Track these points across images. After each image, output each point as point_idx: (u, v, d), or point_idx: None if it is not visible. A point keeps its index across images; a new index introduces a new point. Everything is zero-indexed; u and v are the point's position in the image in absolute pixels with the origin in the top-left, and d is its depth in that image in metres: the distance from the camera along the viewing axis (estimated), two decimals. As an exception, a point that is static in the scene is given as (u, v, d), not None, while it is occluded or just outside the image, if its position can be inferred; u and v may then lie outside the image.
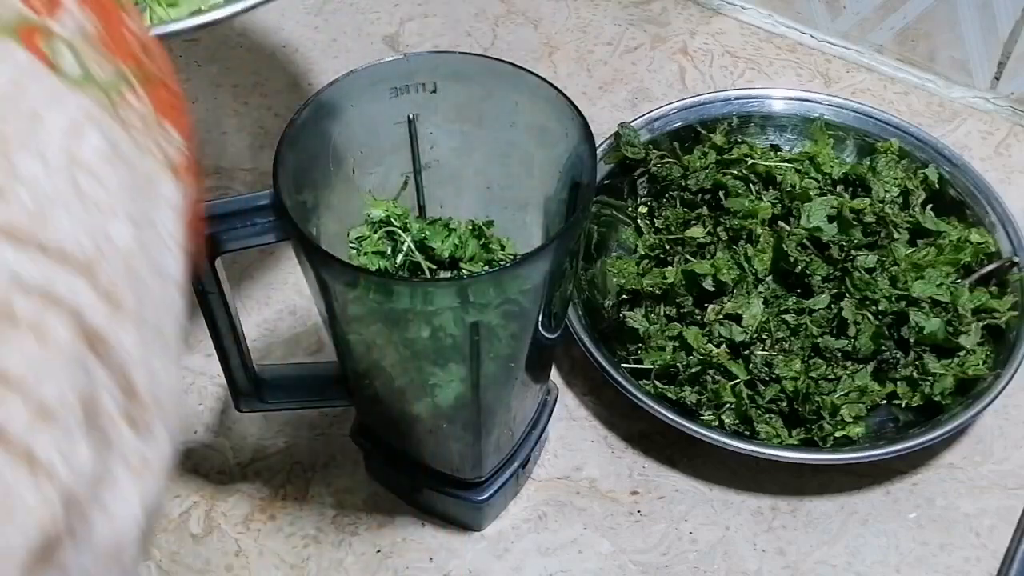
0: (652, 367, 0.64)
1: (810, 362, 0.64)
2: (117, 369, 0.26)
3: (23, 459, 0.23)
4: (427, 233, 0.55)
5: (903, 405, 0.64)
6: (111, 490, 0.26)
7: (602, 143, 0.73)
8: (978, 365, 0.63)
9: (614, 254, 0.71)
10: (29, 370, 0.24)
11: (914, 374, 0.64)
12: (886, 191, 0.71)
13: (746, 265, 0.67)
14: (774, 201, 0.70)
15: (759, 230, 0.68)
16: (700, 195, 0.71)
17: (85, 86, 0.29)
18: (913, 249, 0.69)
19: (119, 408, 0.26)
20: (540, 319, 0.50)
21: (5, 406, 0.23)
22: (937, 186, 0.72)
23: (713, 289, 0.66)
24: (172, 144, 0.32)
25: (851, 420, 0.62)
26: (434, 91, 0.53)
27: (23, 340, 0.24)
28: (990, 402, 0.62)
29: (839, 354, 0.64)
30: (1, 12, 0.28)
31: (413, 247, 0.55)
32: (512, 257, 0.57)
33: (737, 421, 0.62)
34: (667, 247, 0.69)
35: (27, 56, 0.28)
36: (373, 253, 0.54)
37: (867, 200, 0.70)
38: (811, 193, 0.69)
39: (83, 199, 0.27)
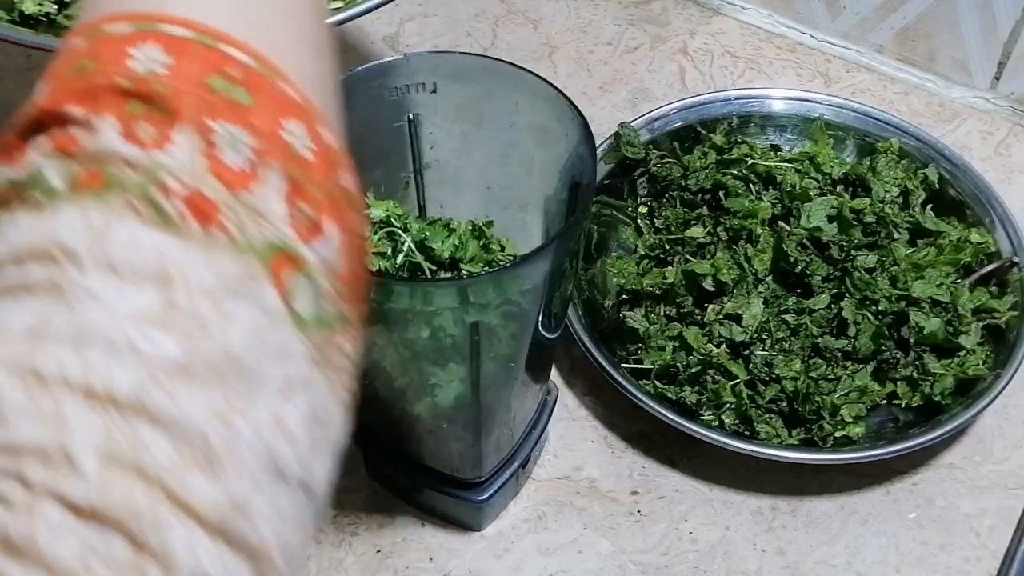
0: (652, 367, 0.64)
1: (810, 362, 0.64)
2: None
3: None
4: (427, 233, 0.55)
5: (903, 405, 0.64)
6: None
7: (602, 143, 0.73)
8: (978, 365, 0.63)
9: (614, 254, 0.71)
10: None
11: (914, 374, 0.64)
12: (886, 191, 0.71)
13: (746, 265, 0.67)
14: (774, 201, 0.70)
15: (759, 230, 0.68)
16: (700, 195, 0.71)
17: (309, 331, 0.27)
18: (913, 249, 0.69)
19: None
20: (540, 319, 0.50)
21: None
22: (937, 186, 0.72)
23: (713, 289, 0.66)
24: (354, 370, 0.30)
25: (851, 420, 0.62)
26: (434, 91, 0.53)
27: None
28: (990, 402, 0.62)
29: (839, 354, 0.64)
30: (265, 231, 0.26)
31: (413, 247, 0.55)
32: (512, 257, 0.57)
33: (737, 421, 0.62)
34: (667, 247, 0.69)
35: (274, 296, 0.26)
36: (373, 254, 0.54)
37: (867, 200, 0.70)
38: (811, 193, 0.69)
39: (275, 475, 0.26)
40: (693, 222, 0.70)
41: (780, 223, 0.69)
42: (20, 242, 0.25)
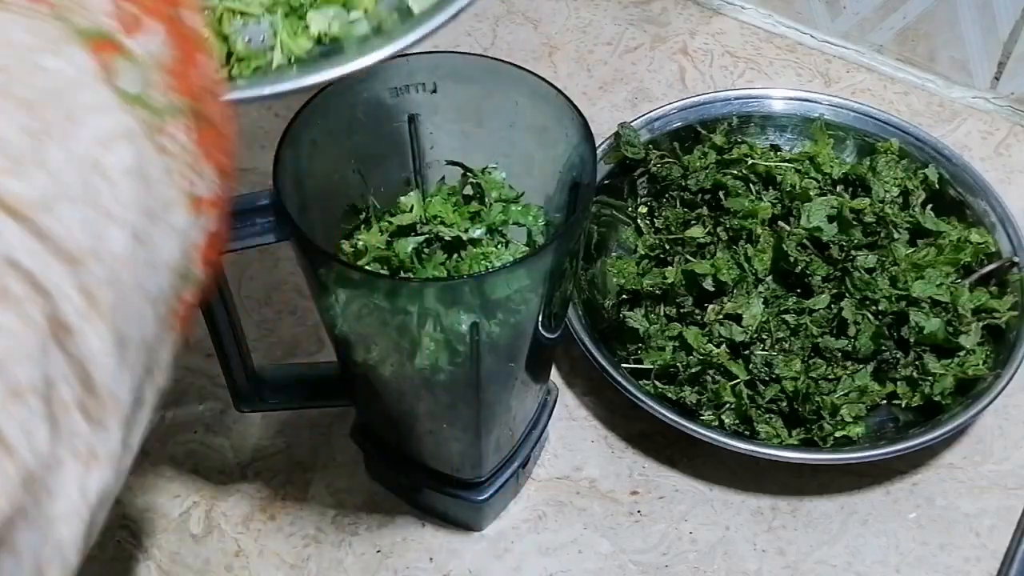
0: (652, 367, 0.64)
1: (810, 362, 0.64)
2: (78, 362, 0.27)
3: None
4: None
5: (903, 405, 0.64)
6: (57, 475, 0.26)
7: (602, 143, 0.73)
8: (978, 365, 0.63)
9: (614, 254, 0.71)
10: (7, 349, 0.25)
11: (914, 374, 0.64)
12: (886, 191, 0.71)
13: (746, 265, 0.67)
14: (774, 201, 0.70)
15: (759, 230, 0.68)
16: (700, 195, 0.71)
17: (135, 105, 0.30)
18: (913, 249, 0.69)
19: (75, 398, 0.27)
20: (540, 319, 0.50)
21: None
22: (937, 186, 0.72)
23: (713, 289, 0.66)
24: (205, 181, 0.33)
25: (851, 420, 0.62)
26: (434, 91, 0.53)
27: (6, 318, 0.25)
28: (990, 402, 0.62)
29: (839, 354, 0.64)
30: (81, 20, 0.30)
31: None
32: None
33: (737, 421, 0.62)
34: (667, 247, 0.69)
35: (89, 62, 0.29)
36: (375, 260, 0.54)
37: (867, 200, 0.70)
38: (811, 193, 0.69)
39: (92, 201, 0.28)
40: (693, 222, 0.70)
41: (780, 223, 0.69)
42: None
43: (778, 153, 0.74)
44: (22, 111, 0.28)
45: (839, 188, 0.72)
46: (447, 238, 0.53)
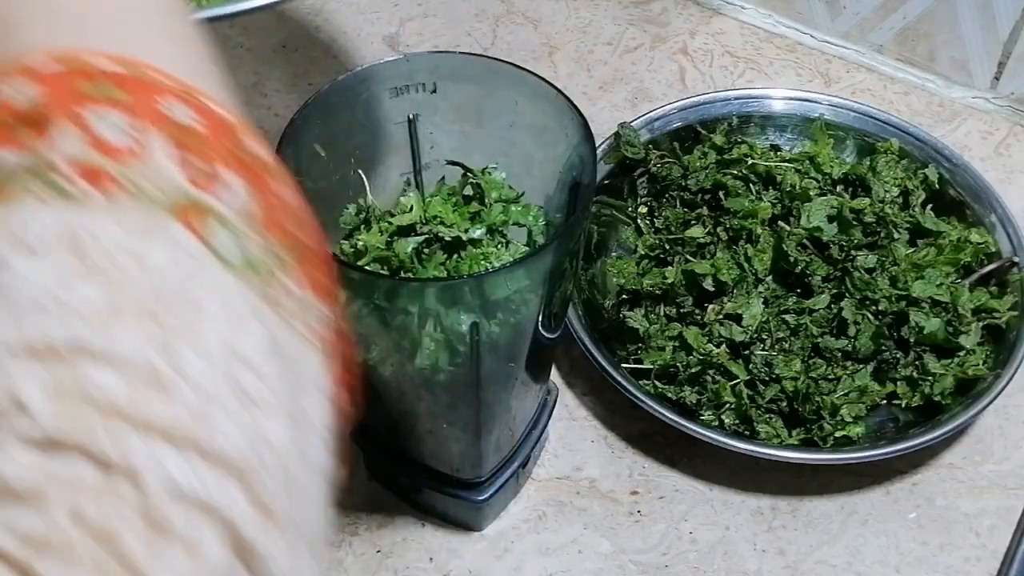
0: (652, 367, 0.64)
1: (810, 362, 0.64)
2: None
3: None
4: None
5: (903, 405, 0.64)
6: None
7: (602, 143, 0.73)
8: (978, 365, 0.63)
9: (614, 254, 0.71)
10: None
11: (914, 374, 0.64)
12: (886, 191, 0.71)
13: (746, 265, 0.67)
14: (774, 201, 0.70)
15: (759, 230, 0.68)
16: (700, 195, 0.71)
17: (242, 271, 0.27)
18: (913, 249, 0.69)
19: None
20: (540, 319, 0.50)
21: None
22: (937, 186, 0.72)
23: (713, 289, 0.66)
24: (322, 320, 0.30)
25: (851, 420, 0.62)
26: (434, 91, 0.53)
27: (174, 556, 0.22)
28: (990, 402, 0.62)
29: (839, 354, 0.64)
30: (162, 187, 0.26)
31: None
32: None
33: (737, 421, 0.62)
34: (667, 247, 0.69)
35: (186, 236, 0.26)
36: (374, 261, 0.54)
37: (867, 200, 0.70)
38: (811, 193, 0.69)
39: (243, 398, 0.25)
40: (693, 222, 0.70)
41: (780, 223, 0.69)
42: None
43: (778, 153, 0.74)
44: (143, 321, 0.25)
45: (839, 188, 0.72)
46: (447, 238, 0.53)
